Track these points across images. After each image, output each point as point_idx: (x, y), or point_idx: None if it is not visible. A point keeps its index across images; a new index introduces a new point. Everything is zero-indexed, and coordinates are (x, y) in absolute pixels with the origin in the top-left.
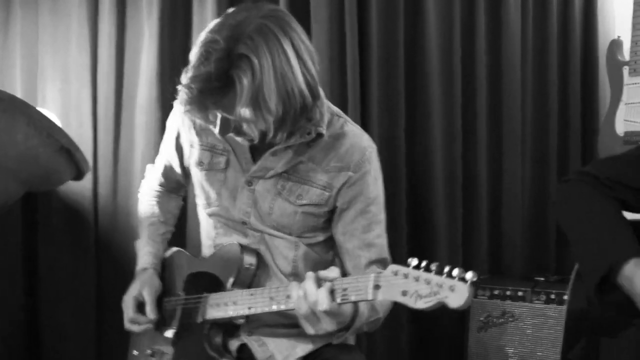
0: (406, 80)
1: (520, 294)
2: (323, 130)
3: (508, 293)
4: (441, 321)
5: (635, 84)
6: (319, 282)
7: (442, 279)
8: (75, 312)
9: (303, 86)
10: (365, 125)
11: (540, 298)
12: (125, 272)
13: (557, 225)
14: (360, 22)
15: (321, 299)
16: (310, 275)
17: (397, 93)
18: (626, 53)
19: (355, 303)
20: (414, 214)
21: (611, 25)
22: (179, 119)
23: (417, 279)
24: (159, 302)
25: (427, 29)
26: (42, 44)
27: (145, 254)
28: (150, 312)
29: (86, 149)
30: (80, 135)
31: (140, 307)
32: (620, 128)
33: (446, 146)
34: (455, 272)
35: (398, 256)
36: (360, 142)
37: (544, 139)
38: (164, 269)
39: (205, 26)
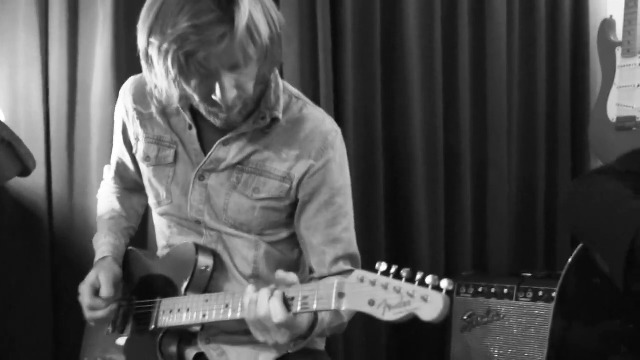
0: (383, 64)
1: (505, 291)
2: (279, 114)
3: (493, 290)
4: (422, 322)
5: (629, 65)
6: (272, 290)
7: (414, 287)
8: (31, 316)
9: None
10: (338, 121)
11: (527, 295)
12: (82, 274)
13: (545, 217)
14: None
15: (274, 311)
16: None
17: (373, 77)
18: (619, 33)
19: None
20: (393, 207)
21: (603, 4)
22: (123, 110)
23: (385, 287)
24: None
25: (405, 6)
26: None
27: (104, 244)
28: (105, 291)
29: (37, 143)
30: (31, 128)
31: (97, 293)
32: (613, 113)
33: (427, 135)
34: (429, 279)
35: (376, 254)
36: (321, 126)
37: (532, 126)
38: None
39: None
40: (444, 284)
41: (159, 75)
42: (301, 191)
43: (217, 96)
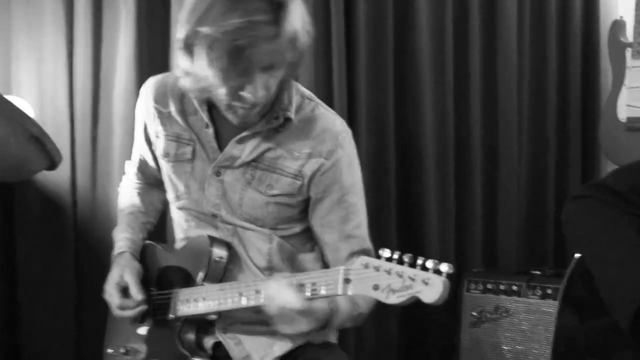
0: (395, 64)
1: (514, 288)
2: (291, 114)
3: (502, 287)
4: (432, 316)
5: (639, 66)
6: (281, 282)
7: (416, 271)
8: (55, 305)
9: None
10: (352, 118)
11: (536, 293)
12: (105, 264)
13: (555, 216)
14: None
15: (289, 299)
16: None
17: (385, 78)
18: (629, 34)
19: (327, 298)
20: (403, 204)
21: (613, 5)
22: (144, 108)
23: (388, 272)
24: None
25: (417, 9)
26: (16, 27)
27: (122, 239)
28: (136, 293)
29: (63, 138)
30: (56, 123)
31: (124, 292)
32: (623, 113)
33: (438, 133)
34: (430, 264)
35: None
36: (332, 126)
37: (542, 125)
38: None
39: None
40: (444, 267)
41: (200, 64)
42: (313, 188)
43: (245, 93)
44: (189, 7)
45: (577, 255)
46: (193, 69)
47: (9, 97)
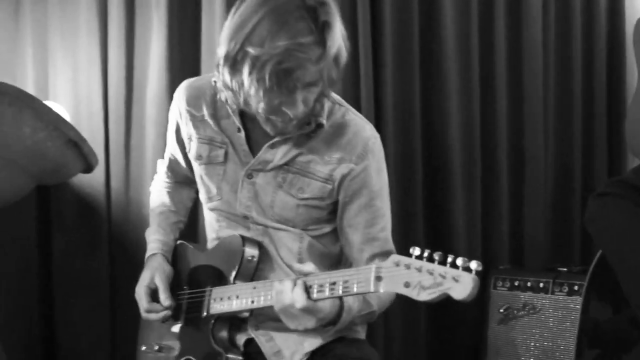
0: (421, 67)
1: (541, 285)
2: (323, 120)
3: (529, 284)
4: (460, 313)
5: None
6: (295, 280)
7: (446, 269)
8: (89, 305)
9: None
10: (378, 123)
11: (563, 290)
12: (138, 264)
13: (581, 213)
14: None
15: (296, 297)
16: (288, 278)
17: (412, 80)
18: None
19: (341, 298)
20: (431, 203)
21: (638, 3)
22: (177, 112)
23: (419, 270)
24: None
25: (443, 12)
26: (52, 33)
27: (154, 241)
28: (165, 299)
29: (97, 141)
30: (91, 127)
31: (153, 295)
32: None
33: (464, 135)
34: (459, 261)
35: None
36: (362, 132)
37: (568, 123)
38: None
39: (214, 14)
40: (474, 265)
41: (243, 81)
42: (342, 192)
43: (286, 109)
44: (235, 24)
45: (600, 251)
46: (235, 85)
47: (45, 103)
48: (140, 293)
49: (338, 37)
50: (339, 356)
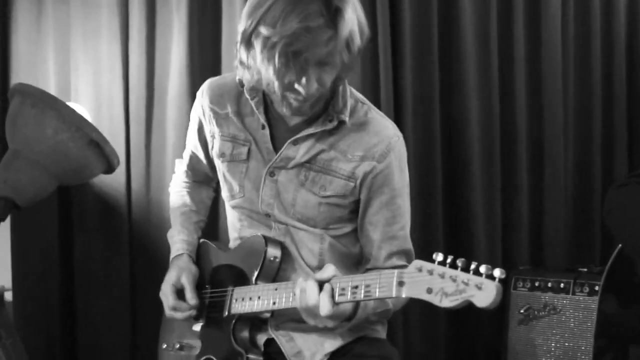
0: (440, 67)
1: (562, 285)
2: (345, 117)
3: (549, 285)
4: (480, 314)
5: None
6: (320, 284)
7: (469, 276)
8: (110, 305)
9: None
10: (398, 122)
11: (584, 290)
12: (158, 265)
13: (602, 212)
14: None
15: (322, 304)
16: (312, 278)
17: (431, 79)
18: None
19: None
20: (450, 203)
21: None
22: (200, 110)
23: (442, 276)
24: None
25: (462, 9)
26: (74, 35)
27: (179, 241)
28: (191, 298)
29: (118, 142)
30: (113, 129)
31: (179, 294)
32: None
33: (484, 134)
34: (483, 268)
35: (433, 248)
36: (385, 130)
37: (588, 121)
38: None
39: (234, 15)
40: (497, 272)
41: (258, 59)
42: (364, 190)
43: (300, 86)
44: (254, 2)
45: (619, 245)
46: (250, 62)
47: (68, 104)
48: (167, 291)
49: (351, 22)
50: (359, 355)
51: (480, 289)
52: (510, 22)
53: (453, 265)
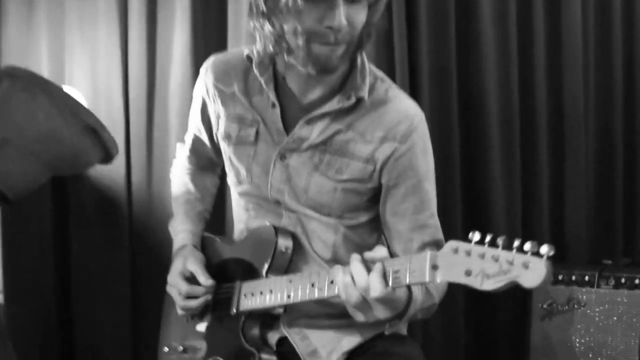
0: (458, 53)
1: (587, 278)
2: (364, 94)
3: (573, 278)
4: (501, 309)
5: None
6: (367, 264)
7: (513, 254)
8: (109, 304)
9: None
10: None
11: (609, 283)
12: (161, 262)
13: (624, 205)
14: None
15: (373, 285)
16: (355, 257)
17: (448, 63)
18: None
19: (409, 287)
20: (469, 197)
21: None
22: (204, 88)
23: (482, 256)
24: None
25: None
26: (69, 20)
27: (182, 231)
28: (205, 280)
29: (117, 132)
30: (111, 118)
31: (190, 281)
32: None
33: (503, 122)
34: (527, 246)
35: (452, 233)
36: (407, 109)
37: (609, 115)
38: None
39: (241, 1)
40: (544, 249)
41: (277, 12)
42: (385, 175)
43: (329, 22)
44: None
45: None
46: (270, 11)
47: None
48: (175, 280)
49: None
50: (381, 352)
51: (528, 267)
52: (530, 12)
53: (492, 244)
